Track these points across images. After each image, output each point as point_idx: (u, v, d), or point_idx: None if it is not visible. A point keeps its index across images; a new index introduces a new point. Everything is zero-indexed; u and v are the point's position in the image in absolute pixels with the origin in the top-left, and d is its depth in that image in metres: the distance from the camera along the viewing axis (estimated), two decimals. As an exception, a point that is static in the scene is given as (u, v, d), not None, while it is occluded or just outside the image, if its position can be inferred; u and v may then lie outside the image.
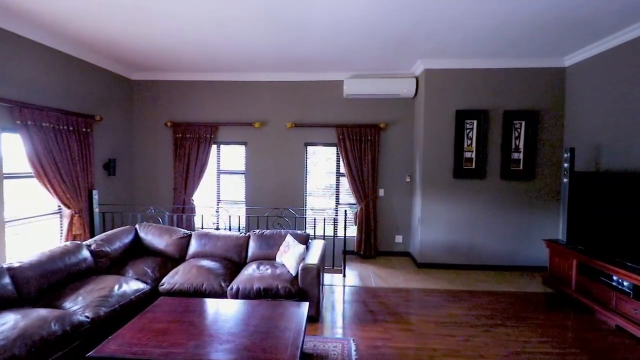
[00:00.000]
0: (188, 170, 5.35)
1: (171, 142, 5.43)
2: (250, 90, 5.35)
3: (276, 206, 4.78)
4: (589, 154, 4.02)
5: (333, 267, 4.49)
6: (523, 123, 4.54)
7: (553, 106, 4.53)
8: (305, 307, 2.51)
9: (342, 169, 5.27)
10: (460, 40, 3.84)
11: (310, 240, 3.85)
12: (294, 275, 3.17)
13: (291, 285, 3.03)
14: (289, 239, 3.55)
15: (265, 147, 5.39)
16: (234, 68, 5.02)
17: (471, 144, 4.61)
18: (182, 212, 5.25)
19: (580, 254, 3.58)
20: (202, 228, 4.65)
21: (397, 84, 4.94)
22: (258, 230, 3.85)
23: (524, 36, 3.75)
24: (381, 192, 5.28)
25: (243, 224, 5.18)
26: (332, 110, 5.26)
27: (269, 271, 3.23)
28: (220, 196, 5.57)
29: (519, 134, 4.56)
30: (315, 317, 3.10)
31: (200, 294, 3.08)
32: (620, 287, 3.15)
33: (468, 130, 4.60)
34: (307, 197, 5.47)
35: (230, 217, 4.49)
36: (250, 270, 3.29)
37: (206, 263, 3.38)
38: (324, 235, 4.49)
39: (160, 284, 3.19)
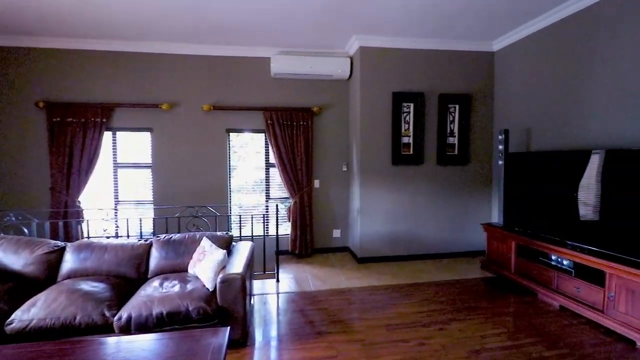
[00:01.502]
0: (71, 164, 4.13)
1: (45, 127, 4.14)
2: (156, 64, 4.34)
3: (193, 204, 3.91)
4: (520, 137, 4.04)
5: (264, 271, 3.81)
6: (457, 107, 4.44)
7: (484, 90, 4.53)
8: (224, 335, 1.82)
9: (272, 159, 4.61)
10: (397, 12, 3.49)
11: (233, 244, 3.12)
12: (211, 289, 2.42)
13: (207, 305, 2.28)
14: (205, 243, 2.78)
15: (176, 134, 4.43)
16: (133, 34, 3.98)
17: (408, 128, 4.36)
18: (63, 218, 4.02)
19: (519, 236, 3.53)
20: (90, 237, 3.56)
21: (330, 64, 4.45)
22: (164, 236, 2.99)
23: (459, 14, 3.57)
24: (316, 184, 4.76)
25: (151, 228, 4.20)
26: (259, 91, 4.56)
27: (177, 288, 2.43)
28: (119, 196, 4.45)
29: (454, 118, 4.46)
30: (241, 341, 2.41)
31: (71, 330, 2.15)
32: (560, 266, 3.11)
33: (405, 114, 4.33)
34: (231, 192, 4.68)
35: (127, 220, 3.49)
36: (150, 289, 2.45)
37: (85, 285, 2.43)
38: (252, 236, 3.79)
39: (6, 322, 2.17)
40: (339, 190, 4.83)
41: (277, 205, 3.81)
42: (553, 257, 3.21)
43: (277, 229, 3.76)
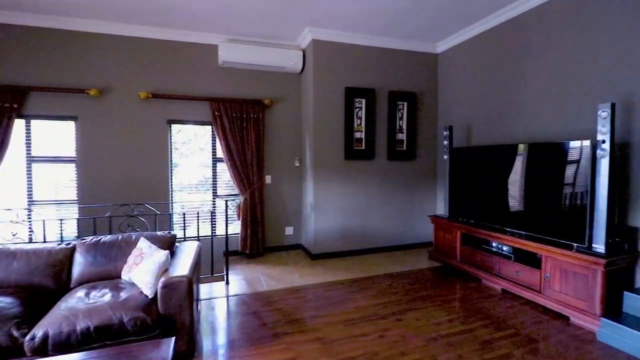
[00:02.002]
0: (-33, 157, 3.41)
1: None
2: (84, 43, 3.78)
3: (127, 202, 3.45)
4: (461, 133, 4.28)
5: (212, 274, 3.53)
6: (405, 104, 4.57)
7: (429, 89, 4.73)
8: (167, 347, 1.57)
9: (220, 153, 4.30)
10: (349, 6, 3.45)
11: (177, 244, 2.81)
12: (150, 296, 2.12)
13: (146, 314, 1.98)
14: (143, 244, 2.44)
15: (107, 124, 3.91)
16: (56, 8, 3.40)
17: (361, 123, 4.37)
18: (-44, 224, 3.29)
19: (463, 225, 3.72)
20: (-7, 244, 2.94)
21: (282, 56, 4.29)
22: (91, 238, 2.57)
23: (406, 14, 3.66)
24: (268, 179, 4.56)
25: (74, 231, 3.65)
26: (205, 80, 4.22)
27: (108, 297, 2.09)
28: (34, 195, 3.78)
29: (402, 115, 4.58)
30: (189, 353, 2.14)
31: None
32: (501, 252, 3.33)
33: (357, 110, 4.34)
34: (173, 189, 4.27)
35: (44, 222, 2.95)
36: (73, 300, 2.07)
37: (-17, 301, 1.97)
38: (198, 236, 3.47)
39: None
40: (291, 186, 4.69)
41: (226, 202, 3.54)
42: (494, 244, 3.43)
43: (226, 228, 3.49)
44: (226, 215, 3.49)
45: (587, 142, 2.61)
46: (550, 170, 2.91)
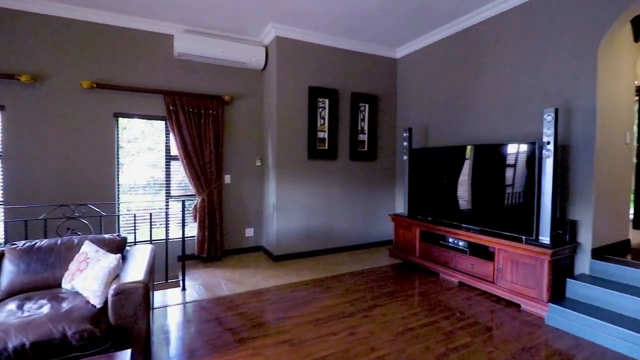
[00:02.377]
0: None
1: None
2: (11, 22, 3.30)
3: (66, 203, 3.05)
4: (419, 135, 4.46)
5: (167, 280, 3.26)
6: (367, 106, 4.67)
7: (389, 92, 4.88)
8: (123, 359, 1.39)
9: (175, 151, 4.02)
10: (315, 5, 3.43)
11: (127, 248, 2.54)
12: (99, 306, 1.88)
13: (94, 326, 1.74)
14: (88, 248, 2.17)
15: (42, 115, 3.45)
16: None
17: (324, 123, 4.37)
18: None
19: (422, 223, 3.87)
20: None
21: (244, 51, 4.14)
22: (23, 243, 2.22)
23: (369, 18, 3.74)
24: (227, 179, 4.35)
25: (1, 236, 3.18)
26: (159, 71, 3.93)
27: (46, 309, 1.81)
28: (-56, 196, 3.20)
29: (364, 116, 4.67)
30: (144, 366, 1.93)
31: None
32: (457, 247, 3.51)
33: (321, 109, 4.33)
34: (120, 188, 3.89)
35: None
36: (3, 315, 1.76)
37: None
38: (151, 240, 3.19)
39: None
40: (252, 185, 4.53)
41: (183, 202, 3.29)
42: (451, 240, 3.61)
43: (183, 229, 3.25)
44: (183, 215, 3.25)
45: (533, 144, 2.85)
46: (500, 169, 3.13)
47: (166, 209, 4.05)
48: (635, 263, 2.71)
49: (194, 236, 4.12)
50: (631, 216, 3.97)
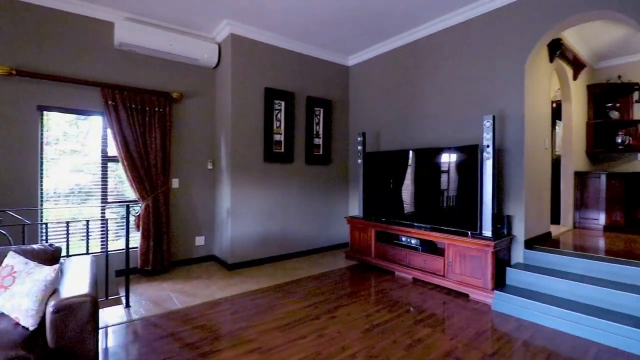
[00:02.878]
0: None
1: None
2: None
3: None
4: (372, 139, 4.65)
5: (107, 297, 2.87)
6: (322, 110, 4.73)
7: (342, 98, 5.02)
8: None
9: (113, 151, 3.60)
10: (273, 4, 3.41)
11: (61, 261, 2.19)
12: (32, 327, 1.57)
13: (28, 351, 1.45)
14: (13, 260, 1.80)
15: (-63, 105, 2.83)
16: None
17: (280, 126, 4.31)
18: None
19: (377, 224, 4.01)
20: None
21: (196, 46, 3.91)
22: None
23: (324, 24, 3.82)
24: (175, 183, 4.03)
25: None
26: (96, 62, 3.50)
27: (-41, 337, 1.45)
28: None
29: (319, 120, 4.73)
30: (91, 394, 1.65)
31: None
32: (410, 245, 3.70)
33: (277, 112, 4.28)
34: (43, 193, 3.34)
35: None
36: None
37: None
38: (87, 251, 2.79)
39: None
40: (203, 190, 4.25)
41: (127, 206, 2.94)
42: (404, 239, 3.80)
43: (127, 240, 2.89)
44: (127, 224, 2.90)
45: (475, 147, 3.16)
46: (446, 171, 3.41)
47: (102, 216, 3.60)
48: (558, 250, 3.14)
49: (136, 247, 3.70)
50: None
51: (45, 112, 3.31)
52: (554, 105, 4.60)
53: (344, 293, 3.22)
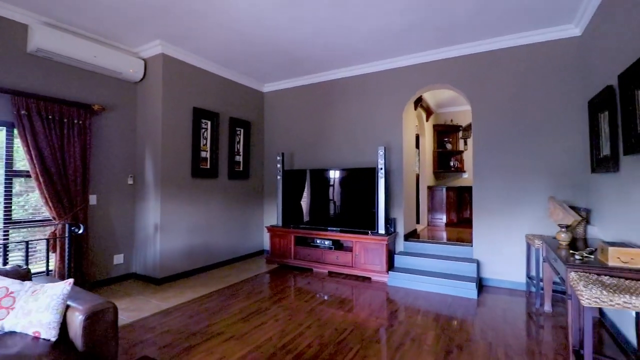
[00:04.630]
0: None
1: None
2: None
3: None
4: (287, 159, 5.42)
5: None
6: (242, 130, 5.23)
7: (259, 120, 5.62)
8: None
9: (22, 166, 3.25)
10: (202, 33, 3.80)
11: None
12: (54, 339, 1.69)
13: (65, 356, 1.61)
14: (3, 282, 1.79)
15: None
16: None
17: (206, 143, 4.61)
18: None
19: (296, 230, 4.78)
20: None
21: (122, 60, 3.88)
22: None
23: (243, 55, 4.37)
24: (92, 199, 3.82)
25: None
26: (6, 66, 3.12)
27: (-18, 357, 1.49)
28: None
29: (240, 139, 5.20)
30: (109, 392, 1.83)
31: None
32: (324, 246, 4.61)
33: (204, 130, 4.56)
34: None
35: None
36: None
37: None
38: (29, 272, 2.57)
39: None
40: (122, 207, 4.12)
41: (69, 225, 2.82)
42: (318, 241, 4.69)
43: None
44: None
45: (373, 169, 4.34)
46: (352, 185, 4.50)
47: (5, 239, 3.18)
48: (421, 240, 4.60)
49: (51, 270, 3.38)
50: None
51: None
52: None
53: (278, 289, 3.85)
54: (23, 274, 2.01)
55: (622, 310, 2.41)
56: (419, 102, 5.28)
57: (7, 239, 3.22)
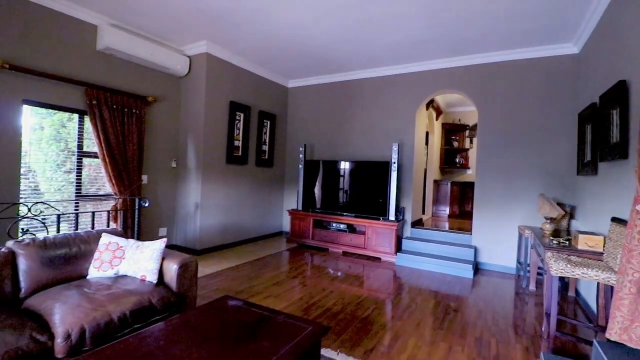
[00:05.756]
0: None
1: None
2: None
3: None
4: (308, 150, 5.96)
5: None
6: (269, 122, 5.76)
7: (283, 113, 6.15)
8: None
9: (91, 148, 3.83)
10: (244, 38, 4.29)
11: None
12: (155, 281, 2.29)
13: (168, 294, 2.21)
14: (114, 239, 2.38)
15: None
16: None
17: (239, 133, 5.16)
18: None
19: (314, 214, 5.37)
20: None
21: (172, 57, 4.40)
22: (30, 239, 2.16)
23: (270, 54, 4.85)
24: (144, 179, 4.41)
25: None
26: (79, 62, 3.67)
27: (112, 290, 2.08)
28: None
29: (266, 130, 5.74)
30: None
31: None
32: (340, 229, 5.20)
33: (237, 121, 5.11)
34: (21, 182, 3.38)
35: None
36: (74, 298, 1.93)
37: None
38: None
39: None
40: (166, 187, 4.72)
41: (138, 199, 3.41)
42: (335, 224, 5.28)
43: (136, 227, 3.38)
44: (139, 214, 3.37)
45: (387, 162, 4.87)
46: (367, 177, 5.05)
47: (76, 208, 3.79)
48: (426, 228, 5.16)
49: (112, 237, 3.99)
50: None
51: (26, 106, 3.35)
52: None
53: (300, 263, 4.45)
54: (120, 234, 2.61)
55: (581, 279, 2.97)
56: (430, 103, 5.76)
57: (78, 208, 3.83)
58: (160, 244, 2.39)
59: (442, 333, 2.62)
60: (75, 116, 3.78)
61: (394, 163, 4.78)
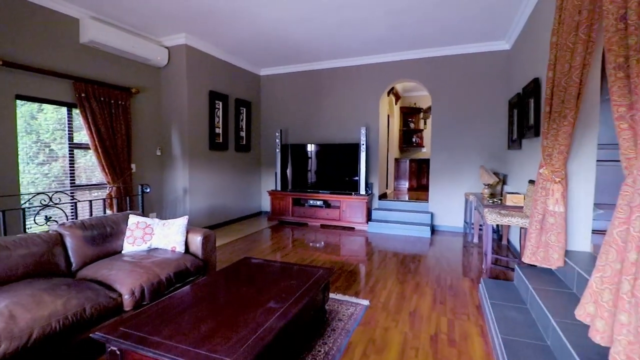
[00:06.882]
0: None
1: None
2: None
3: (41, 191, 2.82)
4: (282, 134, 6.41)
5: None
6: (245, 109, 6.10)
7: (257, 100, 6.49)
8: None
9: (81, 139, 3.99)
10: (224, 31, 4.60)
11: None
12: (183, 251, 2.74)
13: (197, 260, 2.68)
14: (141, 219, 2.76)
15: None
16: None
17: (219, 121, 5.47)
18: None
19: (293, 193, 5.92)
20: None
21: (152, 49, 4.56)
22: (70, 222, 2.48)
23: (243, 44, 5.14)
24: (133, 167, 4.63)
25: None
26: (65, 56, 3.76)
27: (152, 259, 2.51)
28: None
29: (243, 117, 6.08)
30: (212, 285, 2.93)
31: (83, 324, 1.85)
32: (317, 205, 5.82)
33: (217, 110, 5.41)
34: (20, 174, 3.51)
35: None
36: (126, 265, 2.34)
37: (44, 285, 1.89)
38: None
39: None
40: (153, 174, 4.95)
41: (142, 186, 3.70)
42: (312, 201, 5.89)
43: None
44: (142, 201, 3.68)
45: (356, 144, 5.52)
46: (340, 157, 5.68)
47: (71, 198, 3.98)
48: (390, 200, 5.98)
49: (109, 223, 4.23)
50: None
51: (20, 101, 3.44)
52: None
53: (285, 237, 5.03)
54: (139, 214, 2.97)
55: (510, 226, 3.92)
56: (391, 90, 6.47)
57: (73, 197, 4.01)
58: (183, 220, 2.82)
59: (410, 275, 3.39)
60: (64, 109, 3.89)
61: (363, 144, 5.45)
